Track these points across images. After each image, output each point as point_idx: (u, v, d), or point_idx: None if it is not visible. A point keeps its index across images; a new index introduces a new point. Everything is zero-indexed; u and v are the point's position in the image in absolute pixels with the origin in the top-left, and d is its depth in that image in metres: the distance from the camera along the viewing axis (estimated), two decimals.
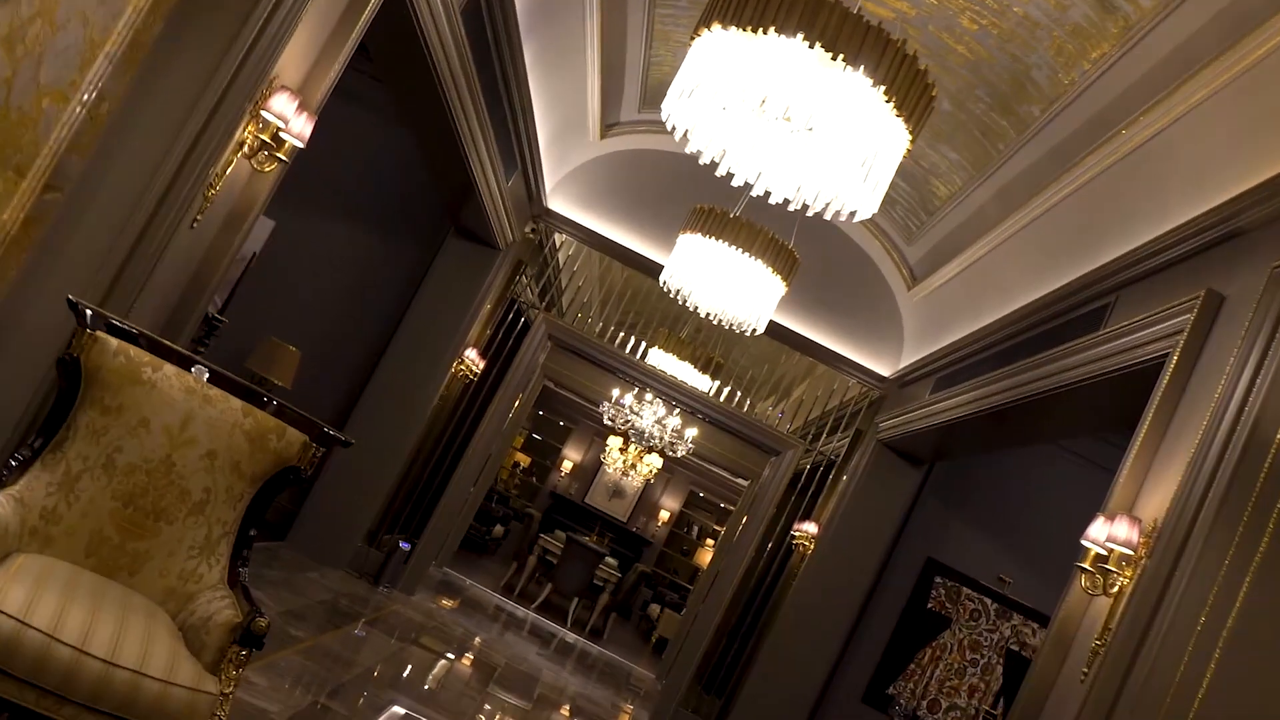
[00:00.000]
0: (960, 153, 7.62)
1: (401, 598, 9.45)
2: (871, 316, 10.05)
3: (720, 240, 7.30)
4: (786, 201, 4.91)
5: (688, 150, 5.01)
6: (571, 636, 13.44)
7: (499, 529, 18.06)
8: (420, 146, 8.02)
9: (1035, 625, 9.74)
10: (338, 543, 9.19)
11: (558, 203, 10.14)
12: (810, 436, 10.59)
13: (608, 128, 9.71)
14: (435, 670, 7.93)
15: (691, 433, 11.88)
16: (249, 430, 3.24)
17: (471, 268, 9.52)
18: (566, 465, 22.46)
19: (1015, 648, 9.64)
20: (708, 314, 7.68)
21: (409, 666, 7.45)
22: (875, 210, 4.81)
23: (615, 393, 11.80)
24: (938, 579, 9.77)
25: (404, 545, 9.51)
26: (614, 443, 16.83)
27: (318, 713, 5.07)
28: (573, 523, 20.75)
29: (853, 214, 4.86)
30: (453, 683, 7.84)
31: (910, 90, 4.48)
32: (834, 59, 4.29)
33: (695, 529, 22.91)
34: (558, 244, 10.44)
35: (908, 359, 9.71)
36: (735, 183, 5.03)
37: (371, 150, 9.75)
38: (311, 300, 9.78)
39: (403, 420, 9.37)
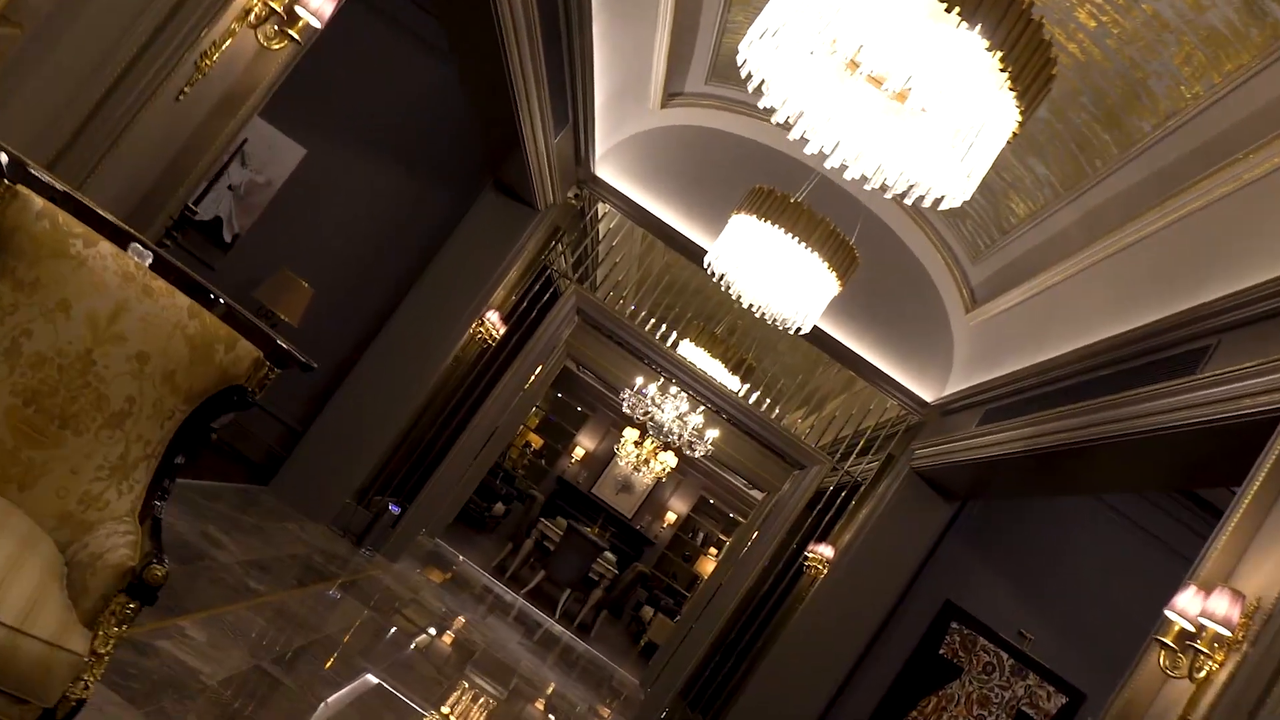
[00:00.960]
0: (1050, 167, 6.95)
1: (384, 563, 8.87)
2: (921, 335, 9.38)
3: (776, 225, 6.68)
4: (863, 179, 4.29)
5: (761, 104, 4.39)
6: (558, 629, 12.84)
7: (500, 507, 17.48)
8: (468, 88, 7.43)
9: (1051, 688, 9.05)
10: (325, 496, 8.62)
11: (606, 171, 9.54)
12: (839, 455, 9.93)
13: (670, 97, 9.09)
14: (407, 646, 7.35)
15: (712, 434, 11.26)
16: (193, 335, 2.65)
17: (506, 225, 8.92)
18: (578, 452, 21.85)
19: (1028, 709, 8.96)
20: (750, 305, 7.05)
21: (378, 638, 6.87)
22: (967, 198, 4.18)
23: (639, 381, 11.19)
24: (954, 624, 9.10)
25: (394, 508, 8.93)
26: (630, 434, 16.21)
27: (259, 679, 4.48)
28: (576, 511, 20.15)
29: (939, 200, 4.24)
30: (423, 663, 7.25)
31: (1030, 62, 3.85)
32: (948, 10, 3.67)
33: (700, 535, 22.27)
34: (600, 214, 9.82)
35: (955, 386, 9.04)
36: (809, 149, 4.41)
37: (417, 88, 9.18)
38: (333, 238, 9.22)
39: (412, 376, 8.78)
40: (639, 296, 10.72)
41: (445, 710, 6.47)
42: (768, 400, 10.29)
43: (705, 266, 7.18)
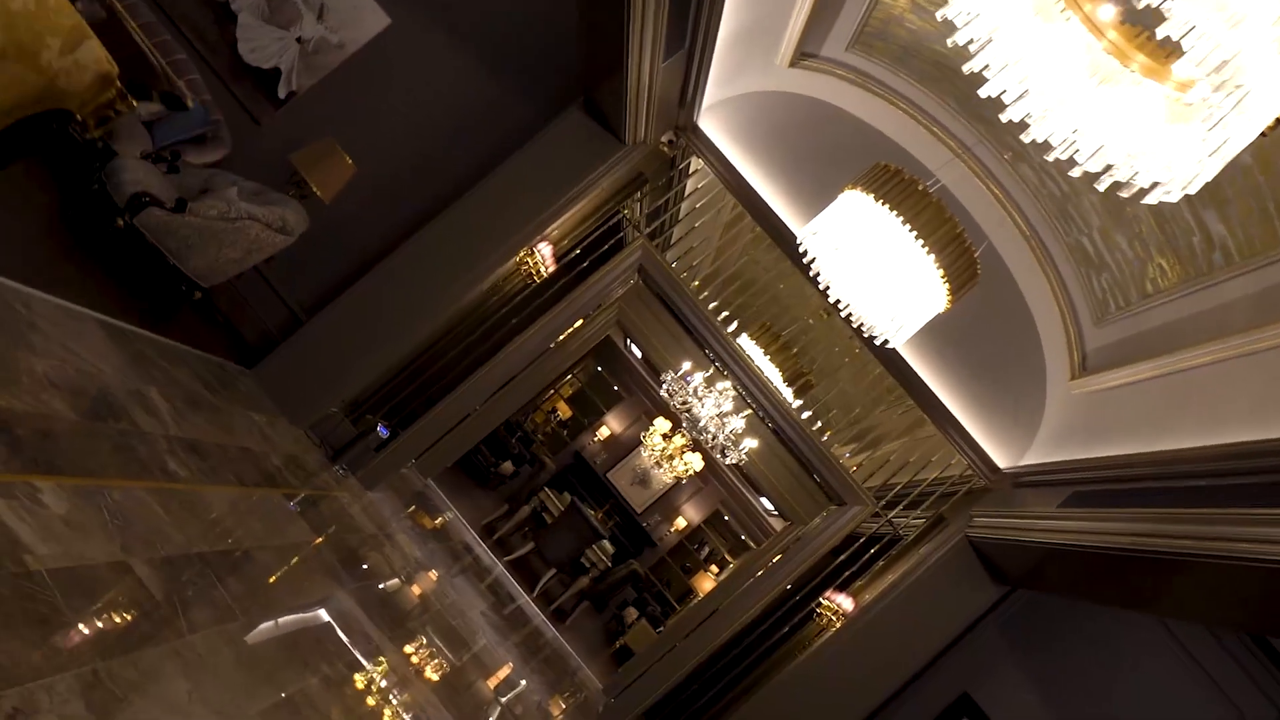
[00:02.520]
0: (1230, 226, 5.77)
1: (356, 489, 7.88)
2: (1009, 393, 8.22)
3: (894, 212, 5.56)
4: (1070, 161, 3.20)
5: (942, 13, 3.31)
6: (532, 609, 11.79)
7: (509, 466, 16.47)
8: None
9: None
10: (310, 397, 7.64)
11: (709, 124, 8.46)
12: (884, 501, 8.79)
13: (801, 56, 7.97)
14: (347, 588, 6.34)
15: (750, 443, 10.17)
16: (18, 16, 1.61)
17: (586, 151, 7.88)
18: (604, 431, 20.79)
19: None
20: (836, 301, 5.97)
21: (315, 573, 5.85)
22: (1195, 188, 3.06)
23: (686, 365, 10.11)
24: None
25: (382, 430, 7.93)
26: (660, 425, 15.14)
27: (115, 583, 3.45)
28: (585, 491, 19.13)
29: (1149, 189, 3.13)
30: (360, 612, 6.24)
31: None
32: None
33: (706, 550, 21.16)
34: (690, 169, 8.74)
35: (1036, 457, 7.86)
36: (989, 88, 3.33)
37: None
38: (395, 121, 8.23)
39: (440, 291, 7.77)
40: (708, 275, 9.63)
41: (371, 672, 5.46)
42: (818, 423, 9.17)
43: (796, 244, 6.09)
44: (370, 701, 5.03)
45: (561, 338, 9.17)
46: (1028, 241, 7.52)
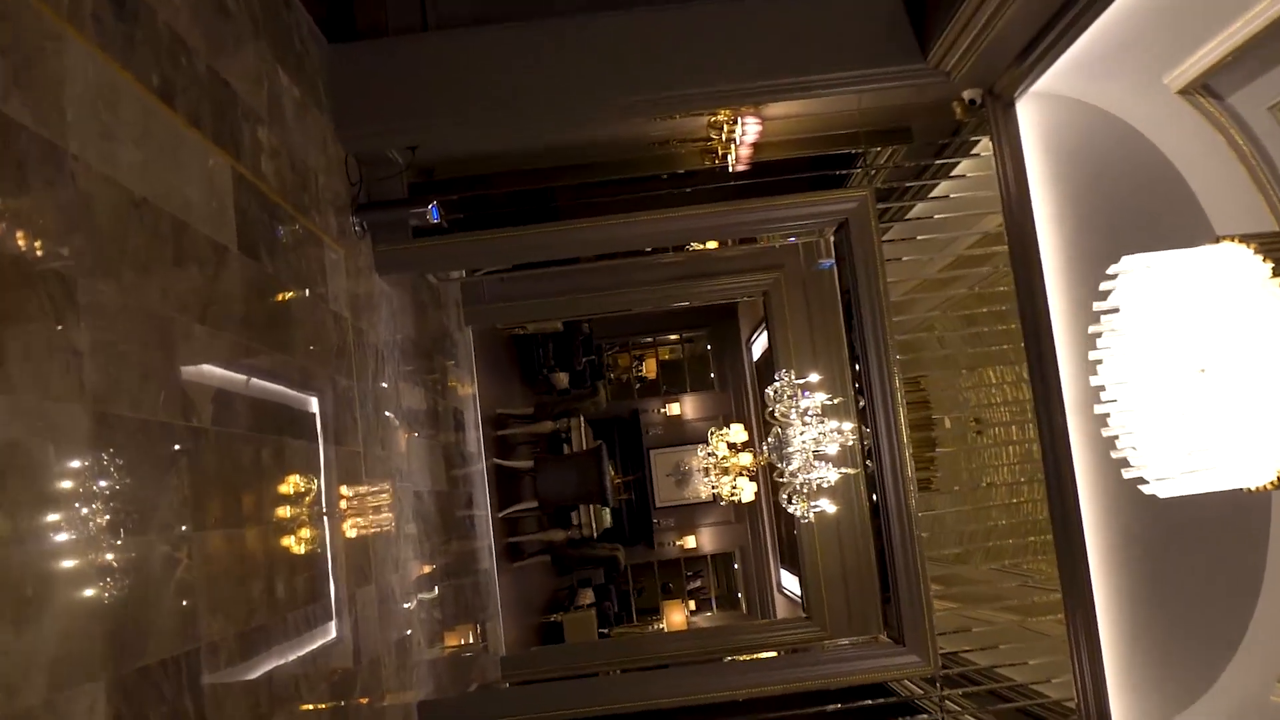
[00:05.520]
0: None
1: (359, 259, 5.86)
2: (1186, 638, 5.84)
3: None
4: None
5: None
6: (483, 530, 9.69)
7: (563, 378, 14.45)
8: None
9: None
10: (379, 117, 5.66)
11: (1026, 111, 6.19)
12: (945, 672, 6.48)
13: (1202, 89, 5.64)
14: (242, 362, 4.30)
15: (828, 507, 7.93)
16: None
17: (875, 40, 5.79)
18: (674, 409, 18.65)
19: None
20: (1099, 388, 3.75)
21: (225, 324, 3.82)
22: None
23: (814, 378, 7.92)
24: None
25: (434, 213, 5.87)
26: (734, 432, 12.93)
27: None
28: (619, 451, 17.04)
29: None
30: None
31: None
32: None
33: (698, 583, 18.98)
34: (973, 148, 6.47)
35: None
36: None
37: None
38: None
39: (598, 98, 5.72)
40: (909, 299, 7.37)
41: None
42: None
43: (1101, 299, 3.86)
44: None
45: (697, 247, 7.03)
46: None
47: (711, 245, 7.65)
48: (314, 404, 4.80)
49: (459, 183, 6.39)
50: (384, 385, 6.20)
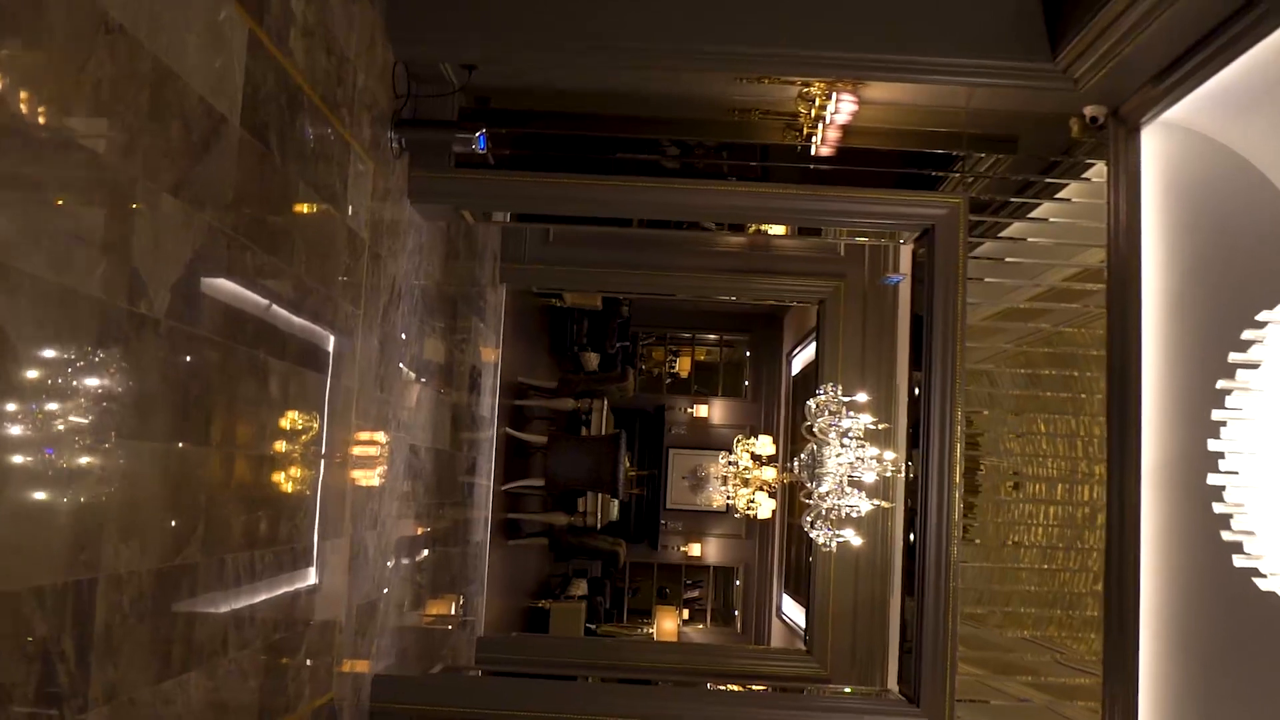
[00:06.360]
0: None
1: (394, 176, 5.28)
2: None
3: None
4: None
5: None
6: (480, 500, 9.08)
7: (593, 359, 13.85)
8: None
9: None
10: (437, 26, 5.05)
11: (1150, 140, 5.51)
12: None
13: None
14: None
15: (853, 539, 7.29)
16: None
17: (1000, 28, 5.14)
18: (701, 411, 17.99)
19: None
20: (1226, 471, 3.09)
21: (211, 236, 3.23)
22: None
23: (861, 397, 7.27)
24: None
25: (480, 141, 5.26)
26: (760, 444, 12.28)
27: None
28: (638, 441, 16.38)
29: None
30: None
31: None
32: None
33: (695, 593, 18.33)
34: (1086, 173, 5.79)
35: None
36: None
37: None
38: None
39: (683, 44, 5.09)
40: (987, 325, 6.68)
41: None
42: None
43: (1241, 349, 3.23)
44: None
45: (760, 230, 6.40)
46: None
47: (777, 231, 7.02)
48: (305, 323, 4.21)
49: (514, 116, 5.79)
50: (395, 323, 5.61)
